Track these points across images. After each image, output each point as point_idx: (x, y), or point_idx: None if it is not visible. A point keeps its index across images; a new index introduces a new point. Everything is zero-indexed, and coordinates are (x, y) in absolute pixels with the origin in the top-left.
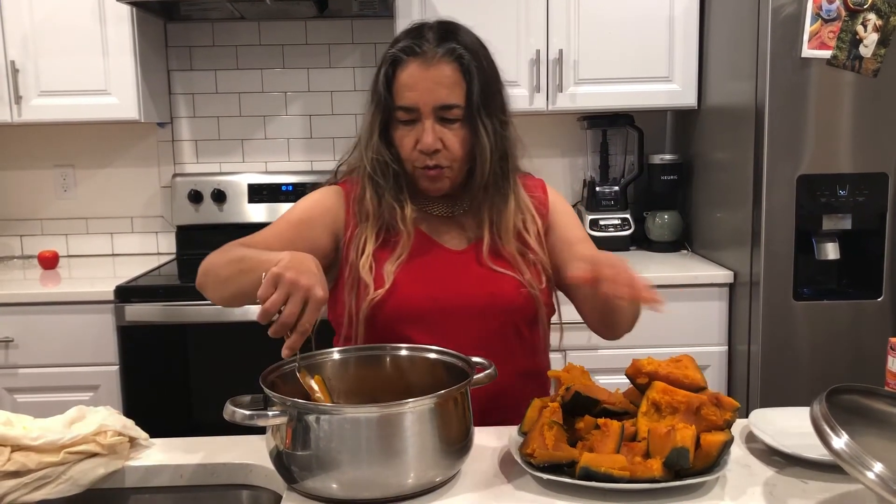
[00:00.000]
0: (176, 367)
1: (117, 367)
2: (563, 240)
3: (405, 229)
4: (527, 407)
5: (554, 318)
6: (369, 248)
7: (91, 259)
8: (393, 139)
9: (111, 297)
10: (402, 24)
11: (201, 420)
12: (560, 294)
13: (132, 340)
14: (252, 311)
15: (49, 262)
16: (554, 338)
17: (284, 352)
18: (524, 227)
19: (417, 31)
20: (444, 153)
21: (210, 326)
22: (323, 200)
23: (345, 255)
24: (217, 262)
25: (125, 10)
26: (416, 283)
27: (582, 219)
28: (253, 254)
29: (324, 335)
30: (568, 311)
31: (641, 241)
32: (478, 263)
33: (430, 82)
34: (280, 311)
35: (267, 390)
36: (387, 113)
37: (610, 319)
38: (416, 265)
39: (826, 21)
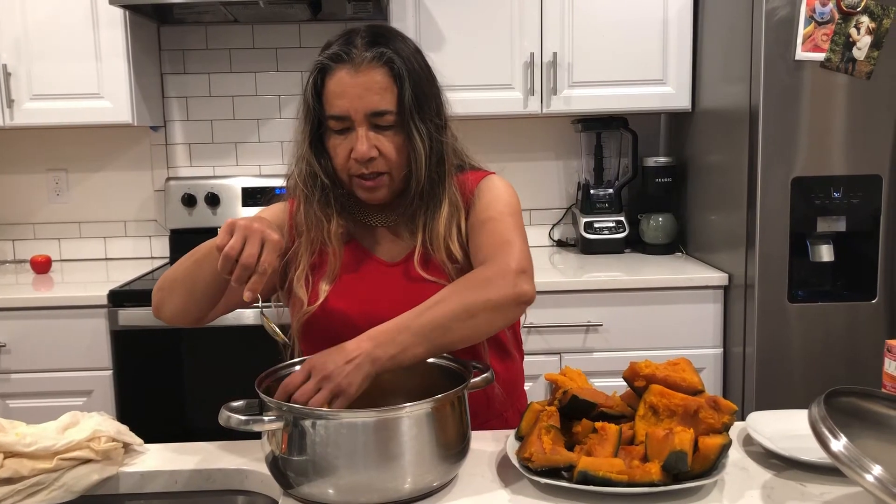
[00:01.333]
0: (170, 371)
1: (111, 371)
2: (473, 224)
3: (331, 245)
4: (524, 411)
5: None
6: (304, 264)
7: (84, 263)
8: (326, 149)
9: (104, 301)
10: (396, 27)
11: (196, 425)
12: None
13: (126, 345)
14: (245, 315)
15: (42, 266)
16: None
17: (246, 294)
18: (449, 233)
19: (347, 37)
20: (381, 160)
21: (204, 331)
22: (270, 218)
23: (286, 272)
24: (167, 273)
25: (118, 13)
26: (347, 299)
27: (576, 221)
28: (203, 244)
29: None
30: (560, 315)
31: (636, 243)
32: (410, 275)
33: (360, 88)
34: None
35: (262, 395)
36: (317, 123)
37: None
38: (348, 280)
39: (819, 24)
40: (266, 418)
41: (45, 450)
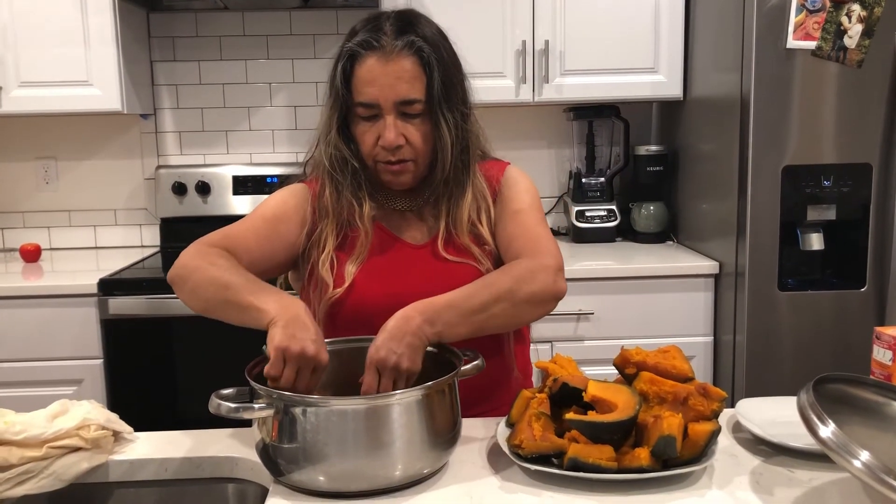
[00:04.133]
0: (160, 360)
1: (101, 360)
2: (503, 213)
3: (363, 227)
4: (514, 397)
5: None
6: (329, 247)
7: (74, 252)
8: (353, 134)
9: (94, 290)
10: None
11: (186, 413)
12: None
13: (116, 334)
14: None
15: (31, 255)
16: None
17: None
18: (478, 218)
19: (375, 22)
20: (407, 148)
21: (195, 319)
22: (290, 198)
23: (309, 254)
24: (199, 274)
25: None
26: (374, 281)
27: (568, 210)
28: (240, 283)
29: None
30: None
31: (627, 232)
32: (436, 256)
33: (391, 77)
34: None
35: (253, 382)
36: (345, 109)
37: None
38: (375, 262)
39: (811, 12)
40: (256, 405)
41: (35, 438)
